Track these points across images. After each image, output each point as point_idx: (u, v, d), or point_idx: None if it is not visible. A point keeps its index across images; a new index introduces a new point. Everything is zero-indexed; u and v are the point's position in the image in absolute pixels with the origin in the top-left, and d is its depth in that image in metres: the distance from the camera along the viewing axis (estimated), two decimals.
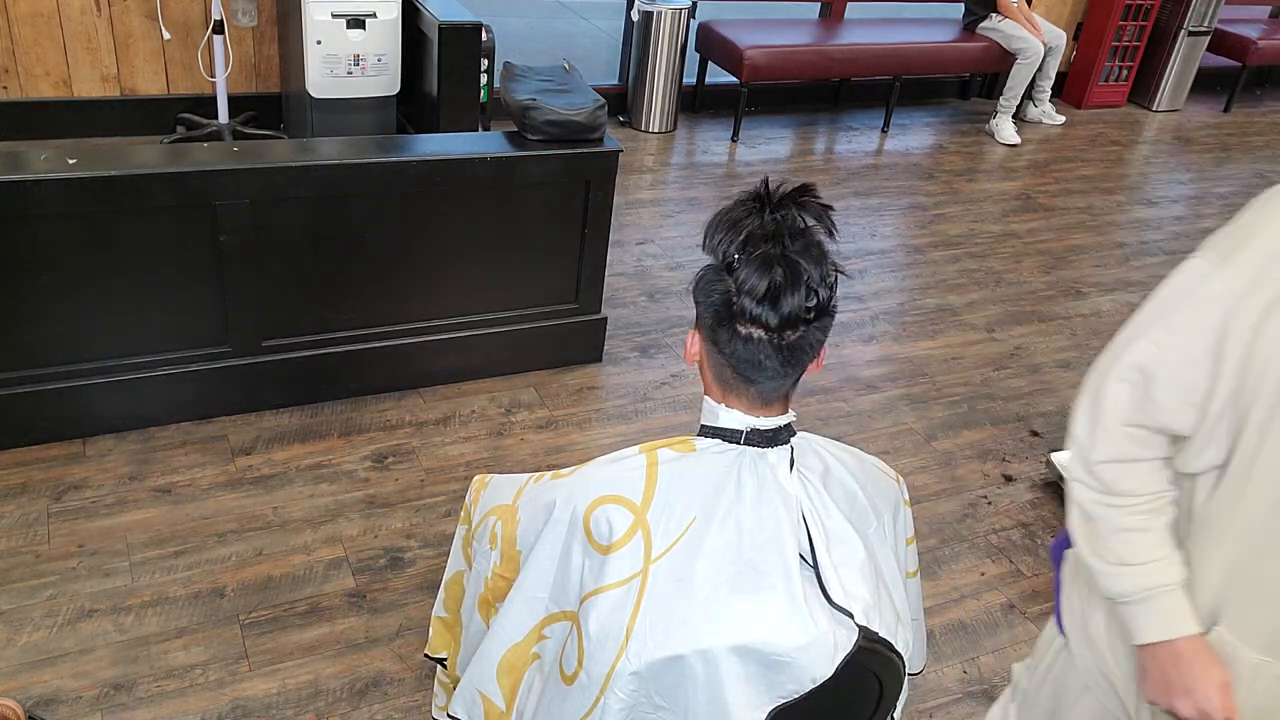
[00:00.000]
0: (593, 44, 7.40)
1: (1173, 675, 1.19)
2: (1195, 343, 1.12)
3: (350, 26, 3.83)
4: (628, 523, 1.14)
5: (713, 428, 1.19)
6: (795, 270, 1.06)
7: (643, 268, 3.94)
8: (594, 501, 1.17)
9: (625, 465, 1.19)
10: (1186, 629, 1.19)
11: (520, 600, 1.25)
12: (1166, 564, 1.19)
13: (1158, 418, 1.17)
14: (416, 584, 2.39)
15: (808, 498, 1.17)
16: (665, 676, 1.11)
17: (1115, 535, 1.21)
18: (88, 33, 4.09)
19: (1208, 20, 6.42)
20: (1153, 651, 1.21)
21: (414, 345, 2.99)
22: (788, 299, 1.06)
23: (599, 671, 1.13)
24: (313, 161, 2.66)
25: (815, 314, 1.08)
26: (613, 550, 1.14)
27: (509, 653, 1.27)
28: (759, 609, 1.10)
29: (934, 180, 5.22)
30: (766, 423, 1.16)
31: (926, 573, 2.59)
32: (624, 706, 1.13)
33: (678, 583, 1.11)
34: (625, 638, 1.11)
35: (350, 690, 2.12)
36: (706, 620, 1.09)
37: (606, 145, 2.98)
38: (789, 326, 1.08)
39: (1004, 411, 3.36)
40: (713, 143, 5.34)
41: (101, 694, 2.04)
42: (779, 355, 1.10)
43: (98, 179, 2.40)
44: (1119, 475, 1.20)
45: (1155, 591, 1.19)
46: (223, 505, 2.54)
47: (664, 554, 1.12)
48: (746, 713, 1.10)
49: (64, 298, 2.51)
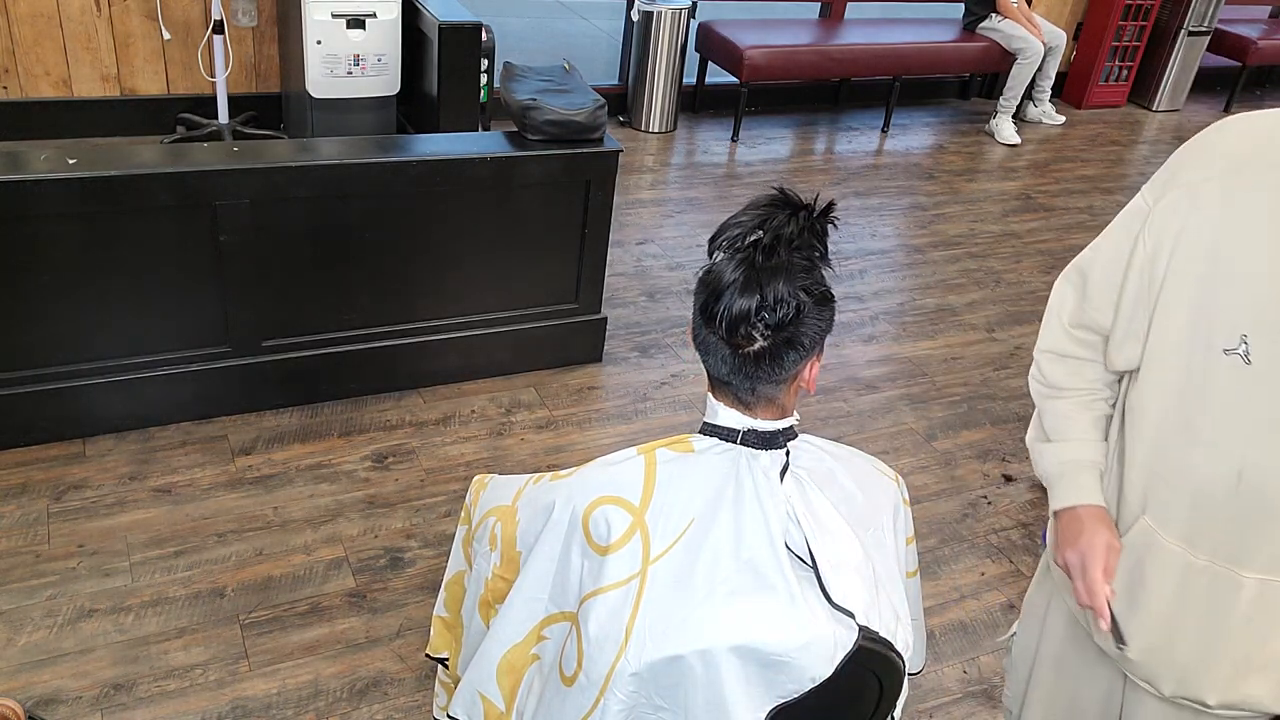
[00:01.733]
0: (593, 44, 7.40)
1: (1068, 534, 1.34)
2: (1119, 245, 1.27)
3: (350, 26, 3.83)
4: (626, 523, 1.14)
5: (712, 425, 1.19)
6: (753, 283, 1.06)
7: (643, 268, 3.94)
8: (593, 502, 1.17)
9: (624, 466, 1.19)
10: (1089, 499, 1.34)
11: (520, 601, 1.25)
12: (1081, 444, 1.36)
13: (1092, 315, 1.32)
14: (416, 584, 2.39)
15: (804, 500, 1.17)
16: (665, 677, 1.11)
17: (1048, 419, 1.40)
18: (88, 33, 4.09)
19: (1208, 20, 6.42)
20: (1060, 517, 1.37)
21: (414, 345, 2.99)
22: (736, 303, 1.07)
23: (599, 673, 1.13)
24: (313, 161, 2.66)
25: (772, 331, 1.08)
26: (611, 551, 1.14)
27: (509, 653, 1.27)
28: (758, 609, 1.10)
29: (934, 180, 5.22)
30: (764, 425, 1.16)
31: (926, 573, 2.59)
32: (624, 707, 1.13)
33: (677, 583, 1.11)
34: (625, 639, 1.11)
35: (350, 690, 2.12)
36: (705, 621, 1.09)
37: (606, 145, 2.98)
38: (739, 336, 1.09)
39: (1004, 411, 3.36)
40: (713, 143, 5.34)
41: (101, 694, 2.04)
42: (736, 361, 1.11)
43: (98, 179, 2.40)
44: (1052, 367, 1.39)
45: (1068, 466, 1.36)
46: (223, 505, 2.54)
47: (663, 555, 1.12)
48: (746, 712, 1.10)
49: (64, 298, 2.51)
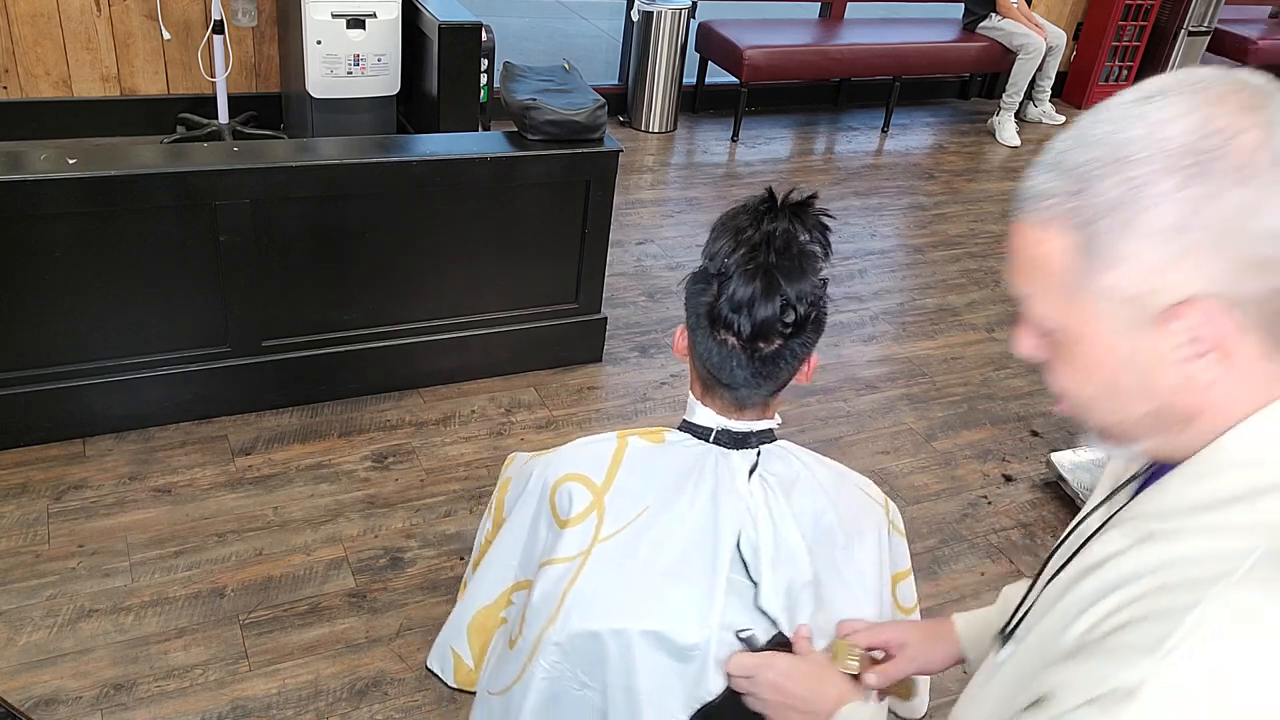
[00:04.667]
0: (593, 44, 7.40)
1: None
2: None
3: (350, 26, 3.84)
4: (586, 501, 1.17)
5: (688, 422, 1.20)
6: (773, 283, 1.06)
7: (643, 268, 3.94)
8: (561, 477, 1.20)
9: (597, 447, 1.22)
10: None
11: (494, 565, 1.30)
12: None
13: None
14: (416, 584, 2.39)
15: (765, 505, 1.16)
16: (586, 652, 1.13)
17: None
18: (88, 33, 4.09)
19: (1208, 20, 6.42)
20: None
21: (414, 345, 2.99)
22: (761, 310, 1.07)
23: (531, 638, 1.16)
24: (313, 161, 2.66)
25: (793, 329, 1.09)
26: (568, 525, 1.17)
27: (479, 614, 1.31)
28: (678, 599, 1.11)
29: (934, 180, 5.22)
30: (738, 425, 1.17)
31: (926, 573, 2.59)
32: (548, 677, 1.14)
33: (615, 565, 1.13)
34: (556, 609, 1.13)
35: (350, 690, 2.12)
36: (628, 601, 1.11)
37: (606, 145, 2.98)
38: (761, 338, 1.09)
39: (1004, 411, 3.36)
40: (713, 143, 5.34)
41: (101, 694, 2.04)
42: (752, 365, 1.11)
43: (98, 179, 2.40)
44: None
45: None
46: (223, 505, 2.54)
47: (611, 536, 1.15)
48: (658, 701, 1.11)
49: (64, 297, 2.51)
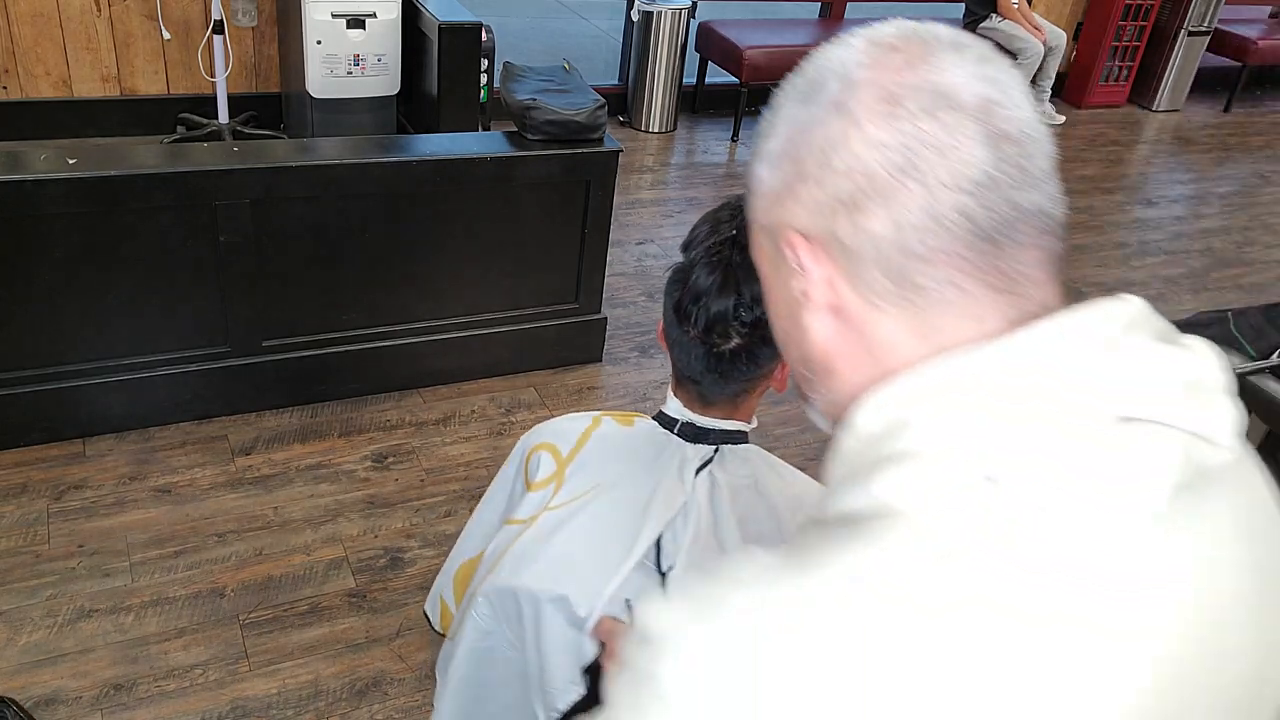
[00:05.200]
0: (593, 44, 7.40)
1: None
2: None
3: (350, 26, 3.84)
4: (551, 470, 1.22)
5: (661, 412, 1.22)
6: (730, 279, 1.07)
7: (643, 268, 3.93)
8: (537, 444, 1.25)
9: (574, 422, 1.26)
10: None
11: (480, 519, 1.34)
12: None
13: None
14: (417, 584, 2.39)
15: (707, 501, 1.17)
16: (507, 609, 1.16)
17: None
18: (88, 33, 4.09)
19: (1208, 20, 6.42)
20: None
21: (414, 345, 2.99)
22: (715, 304, 1.07)
23: (472, 590, 1.21)
24: (313, 161, 2.66)
25: (749, 329, 1.08)
26: (531, 490, 1.22)
27: (464, 565, 1.36)
28: (585, 571, 1.13)
29: None
30: (703, 420, 1.18)
31: None
32: (477, 631, 1.18)
33: (550, 532, 1.16)
34: (495, 563, 1.18)
35: (350, 690, 2.12)
36: (546, 568, 1.14)
37: (606, 145, 2.98)
38: (716, 333, 1.09)
39: None
40: (713, 143, 5.34)
41: (101, 694, 2.04)
42: (708, 359, 1.11)
43: (98, 179, 2.40)
44: None
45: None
46: (223, 505, 2.54)
47: (559, 506, 1.18)
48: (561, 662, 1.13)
49: (64, 298, 2.51)
